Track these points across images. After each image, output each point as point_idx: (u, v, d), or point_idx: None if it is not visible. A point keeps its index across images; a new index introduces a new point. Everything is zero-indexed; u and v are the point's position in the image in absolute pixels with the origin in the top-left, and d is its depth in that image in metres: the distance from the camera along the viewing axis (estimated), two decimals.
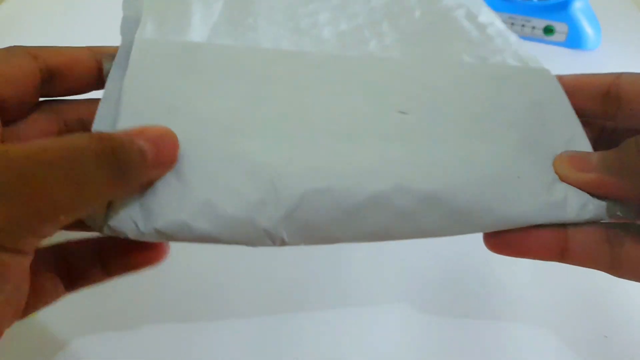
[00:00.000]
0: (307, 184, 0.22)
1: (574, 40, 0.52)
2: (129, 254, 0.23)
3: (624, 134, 0.24)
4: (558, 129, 0.26)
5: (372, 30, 0.30)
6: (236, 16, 0.29)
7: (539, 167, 0.24)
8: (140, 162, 0.19)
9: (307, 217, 0.21)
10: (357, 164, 0.23)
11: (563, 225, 0.23)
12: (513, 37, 0.31)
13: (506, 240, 0.23)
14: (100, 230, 0.21)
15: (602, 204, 0.23)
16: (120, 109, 0.22)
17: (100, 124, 0.22)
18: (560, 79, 0.28)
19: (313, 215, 0.21)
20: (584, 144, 0.25)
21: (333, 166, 0.22)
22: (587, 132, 0.26)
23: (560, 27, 0.52)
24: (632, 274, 0.23)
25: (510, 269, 0.33)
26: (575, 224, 0.23)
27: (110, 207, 0.21)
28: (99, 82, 0.26)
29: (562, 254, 0.23)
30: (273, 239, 0.22)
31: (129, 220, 0.21)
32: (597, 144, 0.26)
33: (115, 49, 0.25)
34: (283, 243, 0.22)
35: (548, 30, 0.53)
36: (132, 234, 0.21)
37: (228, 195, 0.21)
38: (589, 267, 0.24)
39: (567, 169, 0.24)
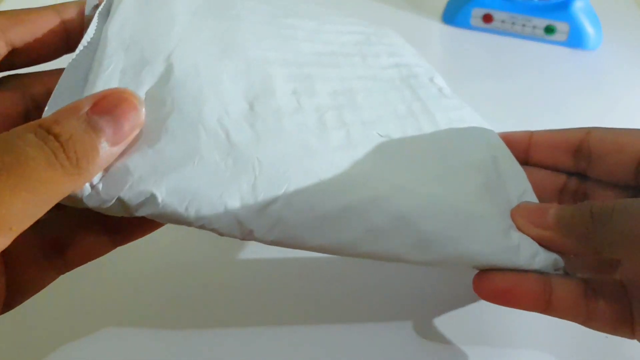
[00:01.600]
0: (290, 181, 0.21)
1: (575, 40, 0.52)
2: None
3: (593, 186, 0.28)
4: (512, 182, 0.28)
5: (345, 60, 0.30)
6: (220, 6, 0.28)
7: (498, 212, 0.26)
8: (96, 146, 0.18)
9: (281, 214, 0.21)
10: (337, 171, 0.23)
11: (547, 278, 0.25)
12: (457, 102, 0.32)
13: (495, 289, 0.25)
14: (73, 203, 0.19)
15: (551, 256, 0.25)
16: (93, 73, 0.21)
17: (68, 83, 0.21)
18: (532, 135, 0.30)
19: (287, 214, 0.21)
20: (533, 198, 0.28)
21: (316, 167, 0.22)
22: (553, 180, 0.30)
23: (562, 27, 0.52)
24: (604, 327, 0.24)
25: None
26: (558, 277, 0.25)
27: None
28: (66, 46, 0.24)
29: (547, 306, 0.24)
30: (242, 230, 0.21)
31: (88, 186, 0.19)
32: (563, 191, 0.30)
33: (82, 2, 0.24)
34: (250, 236, 0.21)
35: (549, 30, 0.52)
36: (91, 202, 0.19)
37: (205, 171, 0.20)
38: (568, 320, 0.25)
39: (523, 222, 0.25)
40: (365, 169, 0.24)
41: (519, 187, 0.28)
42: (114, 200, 0.19)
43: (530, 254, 0.25)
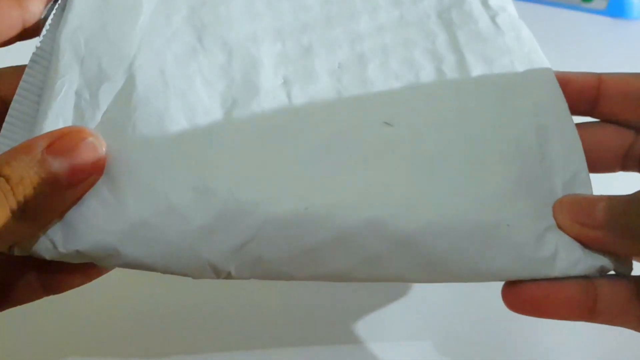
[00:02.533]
0: (266, 215, 0.19)
1: (616, 9, 0.49)
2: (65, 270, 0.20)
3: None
4: (560, 163, 0.22)
5: (363, 2, 0.25)
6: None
7: (531, 214, 0.21)
8: (50, 191, 0.16)
9: (261, 252, 0.19)
10: (327, 193, 0.20)
11: (590, 281, 0.21)
12: (525, 32, 0.26)
13: (528, 298, 0.21)
14: (7, 250, 0.18)
15: (597, 262, 0.21)
16: (43, 107, 0.19)
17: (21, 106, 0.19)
18: (601, 79, 0.25)
19: (268, 251, 0.19)
20: (585, 183, 0.22)
21: (299, 193, 0.20)
22: (621, 140, 0.25)
23: None
24: None
25: None
26: (604, 278, 0.21)
27: None
28: (23, 33, 0.22)
29: (591, 313, 0.21)
30: (217, 273, 0.19)
31: (45, 240, 0.18)
32: None
33: None
34: (229, 277, 0.19)
35: None
36: (48, 255, 0.18)
37: (169, 218, 0.18)
38: (618, 326, 0.21)
39: (568, 221, 0.21)
40: (361, 184, 0.20)
41: (570, 168, 0.22)
42: (72, 253, 0.18)
43: (568, 264, 0.21)
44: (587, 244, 0.21)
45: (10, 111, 0.19)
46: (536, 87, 0.24)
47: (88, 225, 0.18)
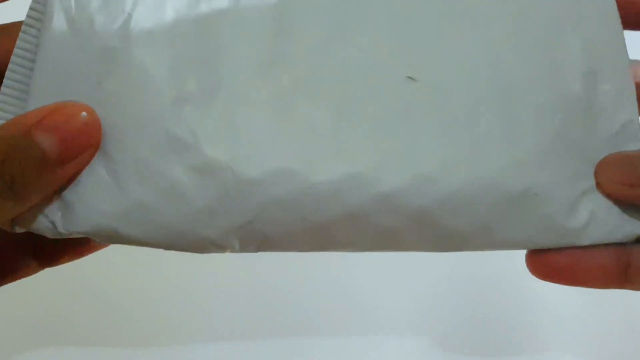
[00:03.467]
0: (270, 193, 0.18)
1: None
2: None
3: None
4: (607, 113, 0.20)
5: None
6: None
7: (566, 177, 0.19)
8: (39, 168, 0.16)
9: (265, 230, 0.18)
10: (338, 165, 0.18)
11: (624, 246, 0.20)
12: None
13: (555, 266, 0.20)
14: (8, 227, 0.18)
15: (637, 227, 0.19)
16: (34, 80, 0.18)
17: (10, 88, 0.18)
18: None
19: (272, 228, 0.18)
20: (635, 136, 0.20)
21: (305, 167, 0.18)
22: None
23: None
24: None
25: (554, 294, 0.29)
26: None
27: None
28: None
29: (622, 280, 0.20)
30: (222, 248, 0.19)
31: (44, 220, 0.18)
32: None
33: None
34: (233, 251, 0.19)
35: None
36: (50, 234, 0.18)
37: (168, 199, 0.18)
38: None
39: (612, 182, 0.19)
40: (374, 155, 0.19)
41: (618, 119, 0.20)
42: (72, 233, 0.18)
43: (604, 233, 0.19)
44: (632, 208, 0.19)
45: (5, 81, 0.18)
46: (590, 22, 0.20)
47: (86, 207, 0.18)
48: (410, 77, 0.19)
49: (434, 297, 0.29)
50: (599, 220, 0.19)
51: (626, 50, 0.20)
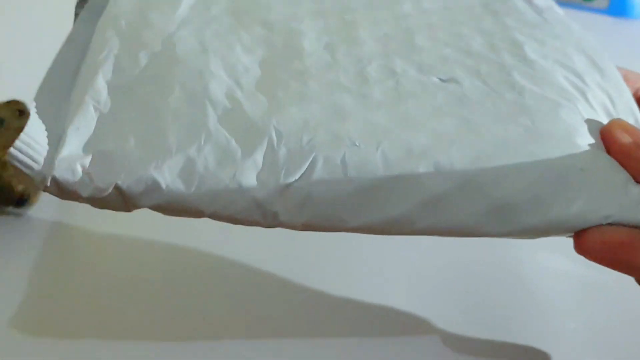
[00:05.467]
0: (317, 150, 0.18)
1: (617, 8, 0.49)
2: None
3: None
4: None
5: None
6: None
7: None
8: None
9: (311, 192, 0.18)
10: (386, 131, 0.19)
11: None
12: (574, 26, 0.26)
13: (606, 243, 0.19)
14: (40, 185, 0.18)
15: None
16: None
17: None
18: None
19: (319, 191, 0.18)
20: None
21: (351, 131, 0.19)
22: None
23: None
24: None
25: (553, 289, 0.29)
26: None
27: (57, 150, 0.18)
28: None
29: None
30: (264, 213, 0.18)
31: (81, 173, 0.17)
32: None
33: None
34: (275, 220, 0.18)
35: None
36: (85, 191, 0.17)
37: (212, 152, 0.18)
38: None
39: None
40: (419, 126, 0.19)
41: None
42: (110, 189, 0.17)
43: None
44: None
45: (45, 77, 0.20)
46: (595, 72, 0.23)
47: (125, 157, 0.18)
48: (440, 80, 0.21)
49: (434, 297, 0.29)
50: None
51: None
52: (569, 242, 0.21)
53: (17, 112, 0.30)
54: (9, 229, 0.29)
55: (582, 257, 0.20)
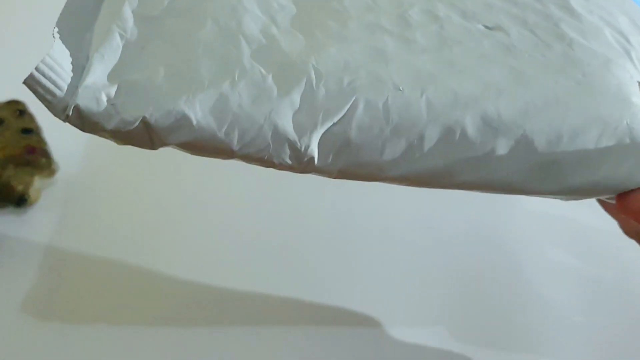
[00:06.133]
0: (358, 92, 0.17)
1: None
2: None
3: None
4: None
5: None
6: None
7: None
8: None
9: (351, 136, 0.17)
10: (429, 77, 0.18)
11: None
12: None
13: None
14: (59, 115, 0.16)
15: None
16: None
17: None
18: None
19: (356, 135, 0.17)
20: None
21: (393, 75, 0.18)
22: None
23: None
24: None
25: (554, 285, 0.29)
26: None
27: (81, 79, 0.16)
28: None
29: None
30: (299, 157, 0.17)
31: (105, 103, 0.16)
32: None
33: None
34: (310, 165, 0.17)
35: None
36: (109, 123, 0.16)
37: (247, 85, 0.17)
38: None
39: None
40: (466, 74, 0.19)
41: None
42: (137, 122, 0.16)
43: None
44: None
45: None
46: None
47: (154, 89, 0.17)
48: (486, 26, 0.20)
49: (435, 295, 0.29)
50: None
51: None
52: (571, 238, 0.20)
53: (17, 112, 0.30)
54: (9, 229, 0.29)
55: (583, 254, 0.20)
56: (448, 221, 0.32)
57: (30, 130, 0.30)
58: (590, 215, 0.21)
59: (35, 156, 0.29)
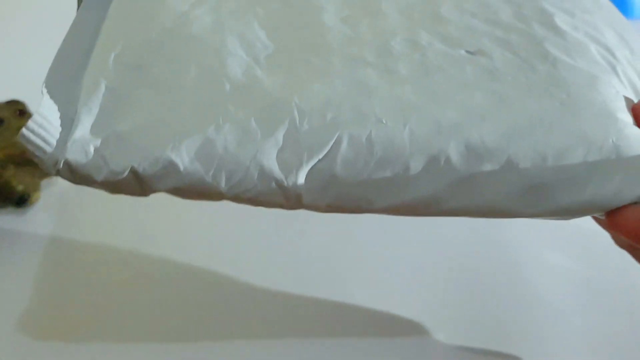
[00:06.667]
0: (341, 127, 0.17)
1: (619, 8, 0.48)
2: None
3: None
4: None
5: None
6: None
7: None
8: None
9: (336, 172, 0.17)
10: (411, 107, 0.18)
11: None
12: (603, 0, 0.25)
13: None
14: (50, 170, 0.17)
15: None
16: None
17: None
18: None
19: (342, 170, 0.17)
20: None
21: (376, 108, 0.18)
22: None
23: None
24: None
25: (554, 288, 0.29)
26: None
27: (70, 133, 0.17)
28: None
29: None
30: (287, 195, 0.17)
31: (94, 155, 0.17)
32: None
33: None
34: (299, 202, 0.18)
35: None
36: (99, 174, 0.17)
37: (231, 131, 0.17)
38: None
39: None
40: (448, 101, 0.18)
41: None
42: (126, 172, 0.17)
43: None
44: None
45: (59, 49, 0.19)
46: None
47: (143, 139, 0.17)
48: (467, 52, 0.20)
49: (435, 296, 0.29)
50: None
51: None
52: (570, 240, 0.20)
53: (17, 112, 0.30)
54: (9, 229, 0.29)
55: (582, 256, 0.20)
56: (447, 222, 0.32)
57: None
58: (588, 218, 0.21)
59: None
